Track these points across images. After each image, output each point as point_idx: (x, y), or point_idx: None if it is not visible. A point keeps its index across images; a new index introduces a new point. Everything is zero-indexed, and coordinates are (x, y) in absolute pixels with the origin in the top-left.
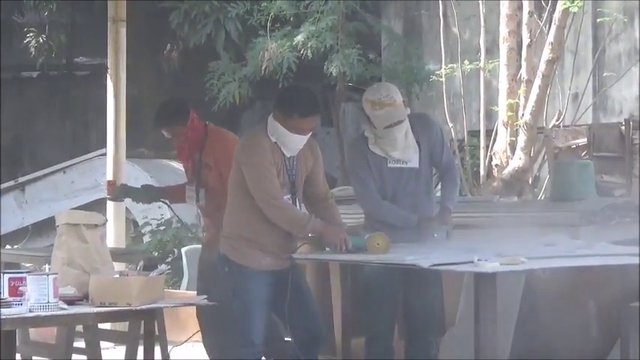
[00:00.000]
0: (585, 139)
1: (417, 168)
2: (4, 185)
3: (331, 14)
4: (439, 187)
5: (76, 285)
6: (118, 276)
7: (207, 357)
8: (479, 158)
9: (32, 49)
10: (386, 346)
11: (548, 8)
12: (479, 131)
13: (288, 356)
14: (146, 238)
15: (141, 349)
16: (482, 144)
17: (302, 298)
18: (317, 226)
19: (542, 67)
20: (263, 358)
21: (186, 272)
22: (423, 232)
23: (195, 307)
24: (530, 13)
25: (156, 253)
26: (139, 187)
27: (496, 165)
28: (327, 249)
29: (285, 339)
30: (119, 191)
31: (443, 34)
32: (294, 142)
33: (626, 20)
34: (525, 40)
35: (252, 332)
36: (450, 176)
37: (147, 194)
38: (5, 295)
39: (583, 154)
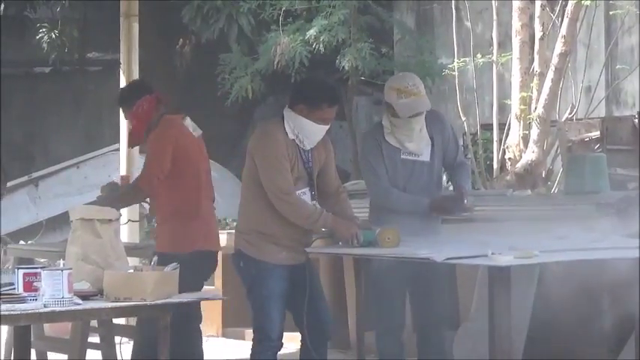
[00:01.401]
0: (598, 132)
1: (429, 162)
2: (18, 181)
3: (343, 8)
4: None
5: (90, 280)
6: (132, 271)
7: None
8: (492, 152)
9: (45, 45)
10: (396, 341)
11: (560, 1)
12: (492, 125)
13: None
14: None
15: None
16: (495, 137)
17: (314, 294)
18: (328, 221)
19: (554, 60)
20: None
21: None
22: (436, 214)
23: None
24: (543, 6)
25: None
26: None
27: (509, 158)
28: (340, 243)
29: None
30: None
31: (455, 28)
32: (317, 134)
33: (638, 13)
34: (538, 34)
35: (268, 327)
36: (463, 169)
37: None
38: (20, 290)
39: (596, 147)
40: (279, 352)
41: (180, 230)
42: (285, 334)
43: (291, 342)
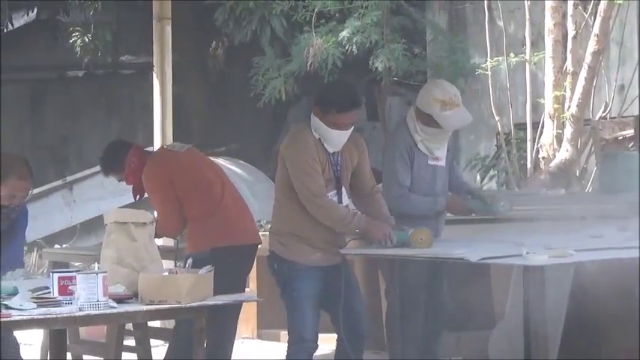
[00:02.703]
0: (632, 131)
1: (444, 167)
2: (52, 185)
3: (376, 9)
4: None
5: (125, 283)
6: (167, 274)
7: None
8: (525, 151)
9: (78, 49)
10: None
11: (593, 0)
12: (525, 124)
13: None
14: None
15: None
16: (528, 137)
17: (349, 295)
18: (361, 223)
19: (587, 58)
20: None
21: None
22: (457, 209)
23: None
24: (575, 5)
25: None
26: None
27: (543, 158)
28: (374, 244)
29: None
30: None
31: (488, 28)
32: (336, 138)
33: None
34: (570, 32)
35: (302, 328)
36: (457, 171)
37: None
38: (55, 294)
39: (630, 145)
40: (314, 354)
41: (199, 231)
42: (320, 335)
43: (327, 343)
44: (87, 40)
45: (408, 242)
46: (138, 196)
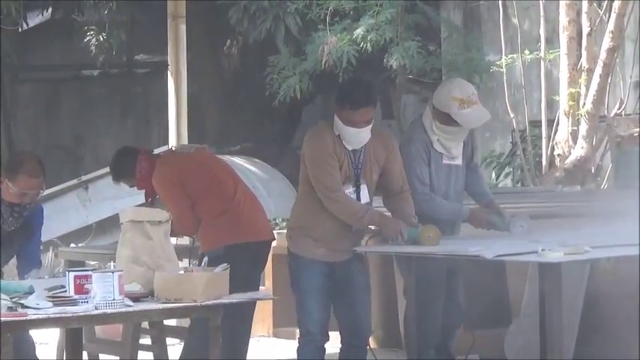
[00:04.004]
0: None
1: (461, 165)
2: (68, 184)
3: (390, 7)
4: None
5: (141, 282)
6: (182, 272)
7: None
8: (541, 148)
9: (93, 48)
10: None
11: None
12: (540, 121)
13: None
14: None
15: None
16: (544, 134)
17: (353, 295)
18: (375, 218)
19: (602, 55)
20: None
21: None
22: (478, 222)
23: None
24: (590, 2)
25: None
26: None
27: (558, 155)
28: (390, 241)
29: None
30: None
31: (502, 25)
32: (352, 136)
33: None
34: (585, 29)
35: (308, 321)
36: (480, 174)
37: None
38: (71, 293)
39: None
40: (328, 352)
41: (212, 229)
42: (334, 333)
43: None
44: (102, 39)
45: (417, 239)
46: (150, 199)
